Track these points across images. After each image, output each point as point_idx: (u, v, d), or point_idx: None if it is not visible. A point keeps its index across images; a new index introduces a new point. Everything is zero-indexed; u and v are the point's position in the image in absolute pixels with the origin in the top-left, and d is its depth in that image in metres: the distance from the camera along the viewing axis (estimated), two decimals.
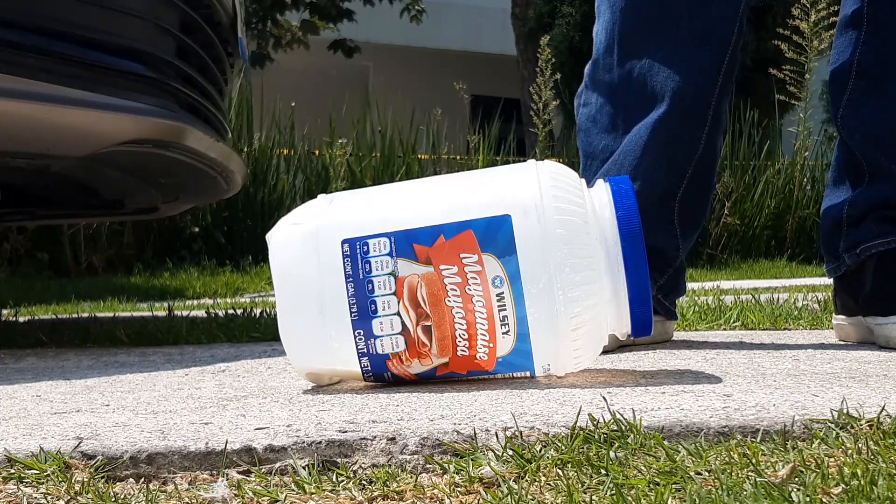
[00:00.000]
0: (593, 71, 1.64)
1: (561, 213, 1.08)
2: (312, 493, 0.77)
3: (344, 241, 1.09)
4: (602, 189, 1.14)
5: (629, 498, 0.70)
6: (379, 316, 1.08)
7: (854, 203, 1.53)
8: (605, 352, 1.40)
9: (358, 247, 1.09)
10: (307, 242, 1.11)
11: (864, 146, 1.53)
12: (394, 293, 1.08)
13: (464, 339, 1.08)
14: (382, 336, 1.09)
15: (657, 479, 0.74)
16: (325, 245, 1.10)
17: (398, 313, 1.08)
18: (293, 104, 6.68)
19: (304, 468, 0.82)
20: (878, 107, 1.53)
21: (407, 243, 1.08)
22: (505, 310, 1.07)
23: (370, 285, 1.08)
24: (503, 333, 1.08)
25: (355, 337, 1.09)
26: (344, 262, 1.09)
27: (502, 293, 1.07)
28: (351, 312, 1.09)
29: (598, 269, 1.09)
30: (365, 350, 1.10)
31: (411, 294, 1.08)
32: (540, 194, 1.08)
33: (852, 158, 1.55)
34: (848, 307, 1.55)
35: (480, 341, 1.08)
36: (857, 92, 1.54)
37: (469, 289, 1.07)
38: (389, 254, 1.08)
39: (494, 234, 1.07)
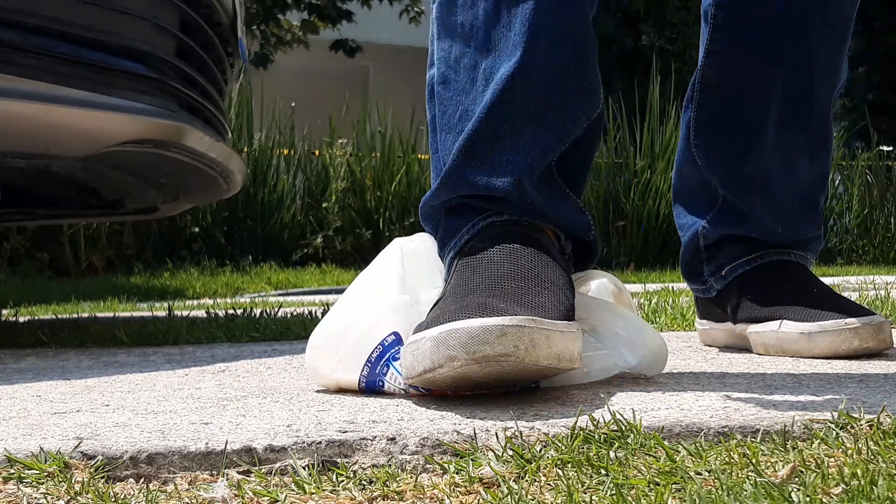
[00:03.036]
0: (443, 11, 1.25)
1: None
2: (312, 493, 0.77)
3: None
4: None
5: (629, 498, 0.70)
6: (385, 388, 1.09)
7: (708, 234, 1.47)
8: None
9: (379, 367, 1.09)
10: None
11: (726, 183, 1.44)
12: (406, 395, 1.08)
13: None
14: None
15: (657, 479, 0.74)
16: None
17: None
18: (293, 104, 6.68)
19: (304, 468, 0.82)
20: (732, 138, 1.43)
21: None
22: None
23: (381, 386, 1.09)
24: None
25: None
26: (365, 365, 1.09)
27: None
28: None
29: None
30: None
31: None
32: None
33: (707, 183, 1.47)
34: (712, 313, 1.51)
35: None
36: (702, 110, 1.44)
37: None
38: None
39: None
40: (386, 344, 1.07)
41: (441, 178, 1.19)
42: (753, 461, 0.76)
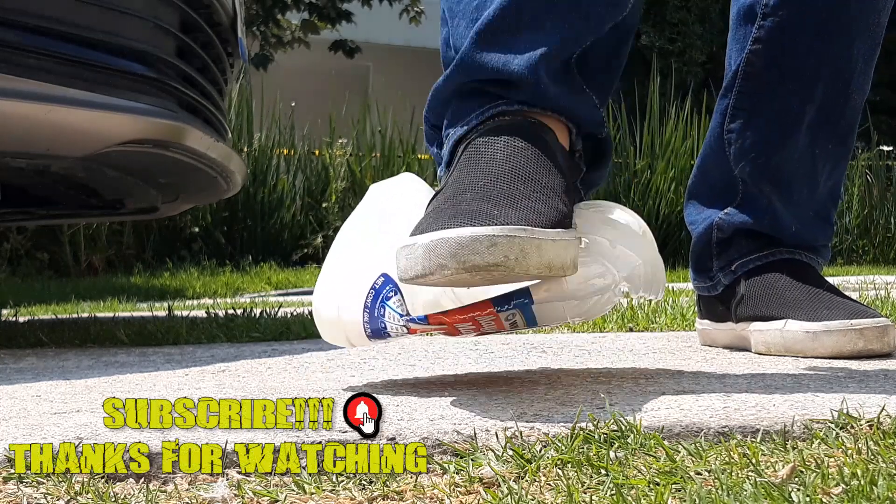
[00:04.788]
0: None
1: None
2: (312, 493, 0.77)
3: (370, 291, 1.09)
4: None
5: (629, 498, 0.70)
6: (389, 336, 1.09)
7: (723, 227, 1.47)
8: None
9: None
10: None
11: (752, 172, 1.45)
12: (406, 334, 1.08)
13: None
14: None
15: (657, 479, 0.74)
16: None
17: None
18: (293, 104, 6.68)
19: (303, 468, 0.82)
20: (766, 128, 1.44)
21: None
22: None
23: (384, 328, 1.08)
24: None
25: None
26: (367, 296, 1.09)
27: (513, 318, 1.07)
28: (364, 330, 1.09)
29: None
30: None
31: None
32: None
33: (730, 176, 1.47)
34: (715, 312, 1.51)
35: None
36: (742, 97, 1.45)
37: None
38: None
39: None
40: (377, 287, 1.08)
41: (455, 62, 1.16)
42: (753, 461, 0.76)
